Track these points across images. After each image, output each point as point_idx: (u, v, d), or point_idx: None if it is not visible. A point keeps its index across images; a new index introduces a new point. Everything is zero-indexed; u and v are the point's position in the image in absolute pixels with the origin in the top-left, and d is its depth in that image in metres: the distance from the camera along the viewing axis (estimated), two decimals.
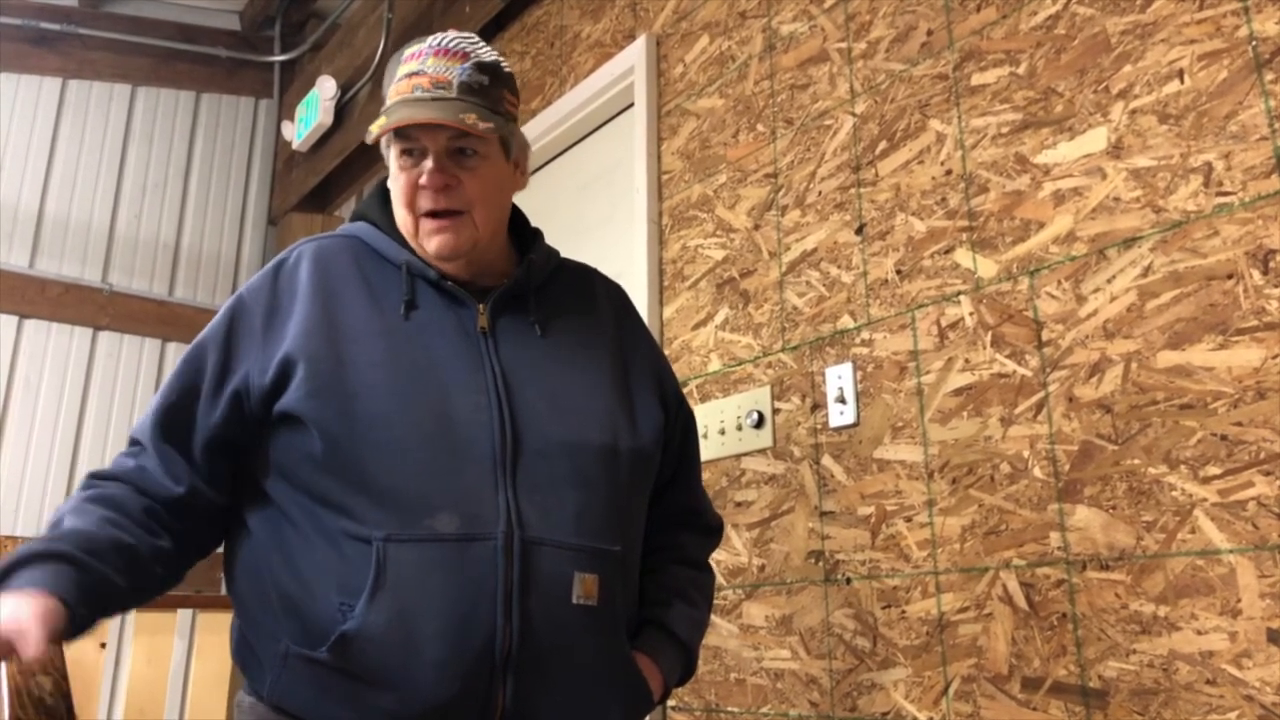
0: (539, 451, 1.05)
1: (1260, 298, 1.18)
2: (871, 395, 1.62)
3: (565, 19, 2.68)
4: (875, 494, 1.58)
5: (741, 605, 1.77)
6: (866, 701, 1.52)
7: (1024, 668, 1.33)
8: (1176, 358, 1.25)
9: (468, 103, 1.09)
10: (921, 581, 1.48)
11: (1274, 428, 1.14)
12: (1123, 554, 1.25)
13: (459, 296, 1.13)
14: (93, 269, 3.74)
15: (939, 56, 1.64)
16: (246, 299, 1.12)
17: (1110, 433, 1.30)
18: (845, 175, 1.75)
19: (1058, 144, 1.44)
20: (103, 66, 3.88)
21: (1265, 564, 1.13)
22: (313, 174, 3.85)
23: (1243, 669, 1.13)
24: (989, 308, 1.48)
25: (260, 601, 1.04)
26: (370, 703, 0.95)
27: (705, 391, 1.95)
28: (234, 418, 1.07)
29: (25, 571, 0.93)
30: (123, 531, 1.00)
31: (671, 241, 2.12)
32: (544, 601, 0.99)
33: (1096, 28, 1.42)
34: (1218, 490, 1.18)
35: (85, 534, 0.98)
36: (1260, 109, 1.22)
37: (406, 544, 0.97)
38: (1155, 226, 1.30)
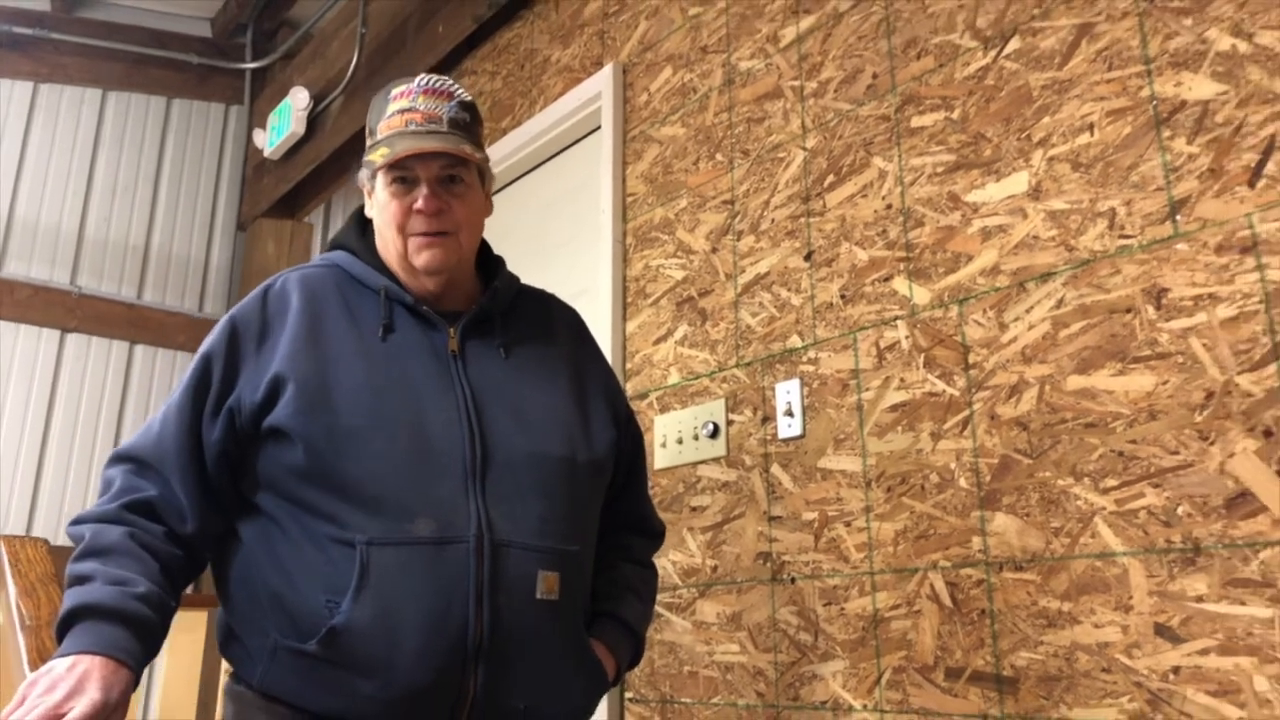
0: (505, 463, 1.17)
1: (1154, 330, 1.34)
2: (817, 409, 1.76)
3: (535, 42, 2.80)
4: (819, 501, 1.72)
5: (695, 603, 1.90)
6: (808, 691, 1.66)
7: (947, 659, 1.48)
8: (1083, 382, 1.40)
9: (458, 135, 1.23)
10: (859, 581, 1.62)
11: (1163, 445, 1.30)
12: (1034, 556, 1.40)
13: (432, 320, 1.25)
14: (61, 271, 3.78)
15: (883, 99, 1.79)
16: (239, 321, 1.22)
17: (1026, 448, 1.45)
18: (796, 205, 1.90)
19: (985, 185, 1.59)
20: (74, 71, 3.92)
21: (1153, 565, 1.28)
22: (283, 181, 3.92)
23: (1133, 658, 1.28)
24: (923, 332, 1.63)
25: (250, 600, 1.14)
26: (355, 689, 1.06)
27: (664, 403, 2.08)
28: (228, 434, 1.16)
29: (100, 626, 1.02)
30: (168, 581, 1.10)
31: (635, 260, 2.25)
32: (511, 597, 1.11)
33: (1020, 81, 1.57)
34: (1115, 500, 1.33)
35: (146, 592, 1.06)
36: (1158, 162, 1.38)
37: (387, 547, 1.08)
38: (1067, 263, 1.45)
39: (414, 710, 1.06)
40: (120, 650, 1.02)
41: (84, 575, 1.06)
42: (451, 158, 1.23)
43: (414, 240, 1.23)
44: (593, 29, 2.57)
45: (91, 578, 1.05)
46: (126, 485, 1.14)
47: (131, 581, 1.06)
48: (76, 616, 1.03)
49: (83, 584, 1.06)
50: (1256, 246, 1.26)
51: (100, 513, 1.12)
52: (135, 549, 1.09)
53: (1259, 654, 1.17)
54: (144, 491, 1.13)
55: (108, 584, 1.05)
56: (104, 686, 0.99)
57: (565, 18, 2.69)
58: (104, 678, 1.00)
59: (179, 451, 1.15)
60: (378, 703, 1.06)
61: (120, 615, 1.03)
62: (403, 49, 3.27)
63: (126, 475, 1.15)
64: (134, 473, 1.15)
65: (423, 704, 1.06)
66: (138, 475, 1.15)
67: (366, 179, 1.29)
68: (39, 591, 1.26)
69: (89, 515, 1.12)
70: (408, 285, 1.26)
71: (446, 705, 1.07)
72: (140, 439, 1.18)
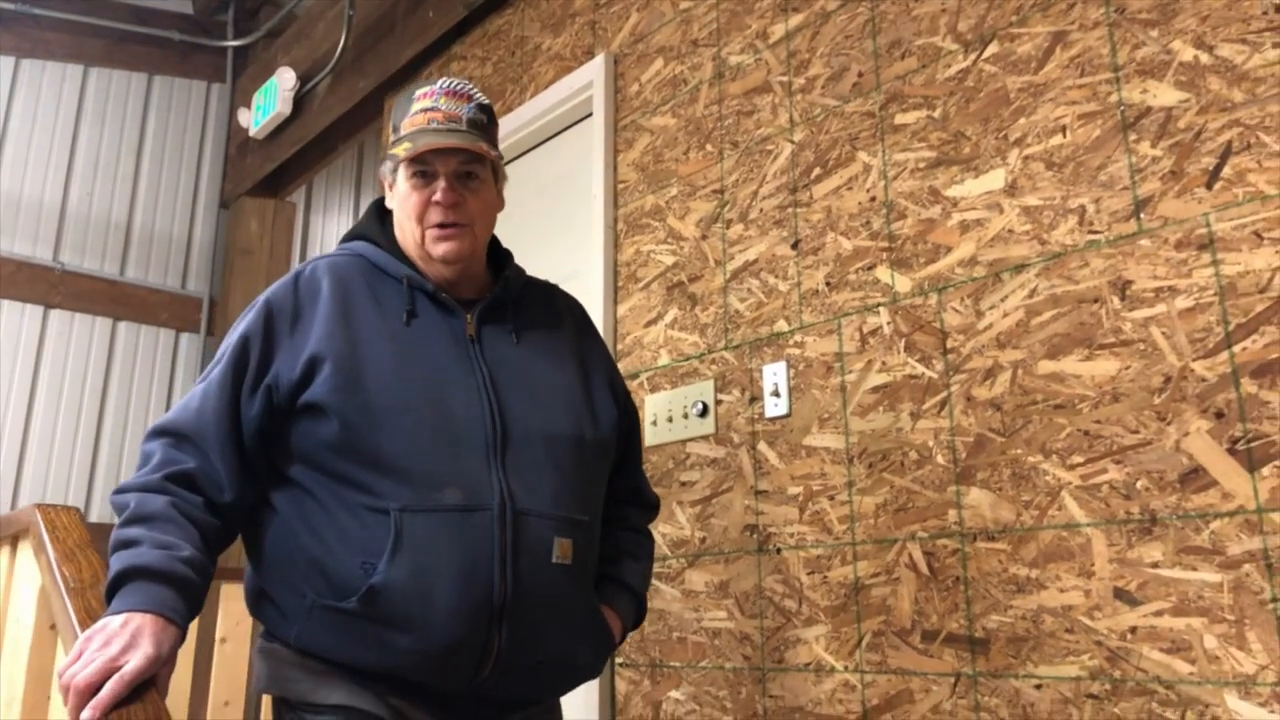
0: (523, 439, 1.26)
1: (1118, 319, 1.45)
2: (802, 390, 1.86)
3: (526, 30, 2.86)
4: (803, 476, 1.82)
5: (684, 573, 2.00)
6: (792, 654, 1.77)
7: (924, 622, 1.59)
8: (1053, 366, 1.51)
9: (475, 134, 1.32)
10: (841, 551, 1.73)
11: (1124, 425, 1.41)
12: (1005, 527, 1.52)
13: (450, 307, 1.33)
14: (44, 247, 3.79)
15: (868, 96, 1.88)
16: (274, 303, 1.29)
17: (999, 427, 1.56)
18: (784, 196, 1.99)
19: (964, 180, 1.69)
20: (56, 46, 3.91)
21: (1114, 535, 1.40)
22: (268, 160, 3.95)
23: (1094, 620, 1.40)
24: (904, 318, 1.73)
25: (285, 564, 1.22)
26: (392, 643, 1.14)
27: (655, 383, 2.17)
28: (265, 410, 1.23)
29: (149, 586, 1.09)
30: (206, 548, 1.17)
31: (626, 246, 2.33)
32: (531, 561, 1.20)
33: (999, 83, 1.68)
34: (1080, 475, 1.45)
35: (189, 556, 1.13)
36: (1124, 163, 1.49)
37: (419, 514, 1.17)
38: (1040, 256, 1.56)
39: (446, 663, 1.15)
40: (168, 608, 1.09)
41: (131, 540, 1.13)
42: (469, 154, 1.31)
43: (431, 231, 1.32)
44: (584, 19, 2.64)
45: (139, 542, 1.12)
46: (167, 458, 1.20)
47: (176, 546, 1.13)
48: (127, 577, 1.10)
49: (130, 548, 1.12)
50: (1213, 243, 1.37)
51: (144, 483, 1.18)
52: (178, 516, 1.16)
53: (1209, 615, 1.29)
54: (184, 464, 1.20)
55: (155, 548, 1.12)
56: (156, 641, 1.07)
57: (556, 7, 2.76)
58: (155, 633, 1.07)
59: (219, 425, 1.21)
60: (413, 655, 1.14)
61: (167, 576, 1.11)
62: (391, 33, 3.31)
63: (166, 449, 1.21)
64: (173, 446, 1.22)
65: (454, 657, 1.15)
66: (177, 449, 1.21)
67: (389, 172, 1.37)
68: (78, 556, 1.32)
69: (132, 485, 1.19)
70: (426, 273, 1.34)
71: (474, 658, 1.16)
72: (180, 414, 1.24)
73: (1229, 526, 1.29)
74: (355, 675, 1.18)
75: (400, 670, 1.16)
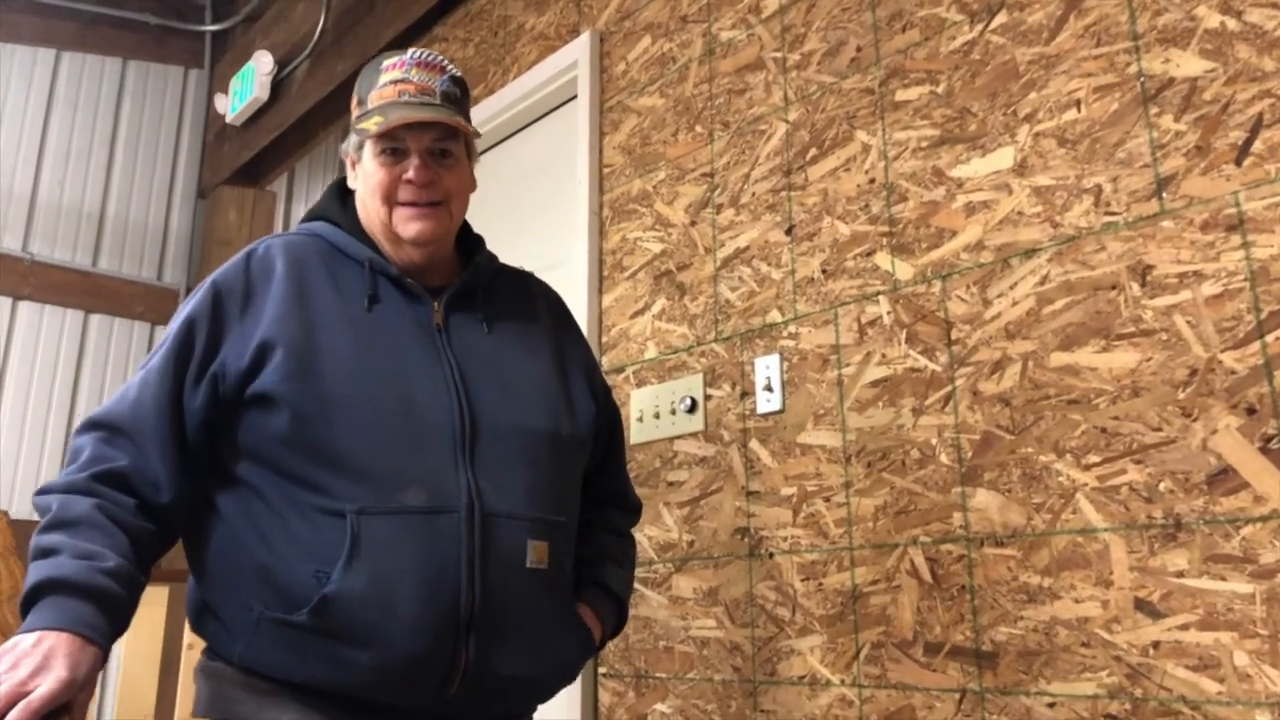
0: (493, 435, 1.16)
1: (1138, 307, 1.34)
2: (796, 385, 1.75)
3: (509, 9, 2.74)
4: (797, 476, 1.71)
5: (671, 578, 1.89)
6: (785, 666, 1.66)
7: (926, 634, 1.48)
8: (1067, 358, 1.40)
9: (450, 108, 1.22)
10: (837, 556, 1.62)
11: (1145, 422, 1.30)
12: (1015, 532, 1.41)
13: (416, 293, 1.23)
14: (13, 237, 3.66)
15: (866, 72, 1.77)
16: (222, 284, 1.18)
17: (1008, 424, 1.45)
18: (777, 178, 1.87)
19: (970, 160, 1.58)
20: (26, 29, 3.78)
21: (1134, 541, 1.29)
22: (246, 148, 3.82)
23: (1113, 633, 1.29)
24: (905, 307, 1.62)
25: (230, 574, 1.10)
26: (348, 659, 1.03)
27: (641, 377, 2.06)
28: (210, 401, 1.12)
29: (67, 601, 0.97)
30: (137, 556, 1.06)
31: (611, 233, 2.22)
32: (502, 567, 1.10)
33: (1007, 56, 1.56)
34: (1096, 476, 1.33)
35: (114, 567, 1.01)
36: (1145, 139, 1.38)
37: (379, 516, 1.06)
38: (1052, 240, 1.45)
39: (407, 680, 1.04)
40: (87, 627, 0.98)
41: (50, 548, 1.02)
42: (444, 130, 1.22)
43: (401, 211, 1.22)
44: None
45: (58, 551, 1.01)
46: (97, 454, 1.09)
47: (99, 555, 1.02)
48: (42, 591, 0.99)
49: (49, 557, 1.01)
50: (1242, 224, 1.26)
51: (68, 483, 1.07)
52: (104, 521, 1.05)
53: (1239, 629, 1.18)
54: (115, 461, 1.08)
55: (75, 558, 1.01)
56: (71, 664, 0.96)
57: None
58: (71, 654, 0.96)
59: (159, 418, 1.10)
60: (372, 672, 1.04)
61: (88, 591, 1.00)
62: (371, 13, 3.19)
63: (97, 444, 1.10)
64: (105, 441, 1.10)
65: (417, 673, 1.05)
66: (109, 444, 1.10)
67: (353, 148, 1.27)
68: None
69: (56, 485, 1.08)
70: (391, 257, 1.25)
71: (439, 675, 1.06)
72: (116, 405, 1.12)
73: (1262, 532, 1.18)
74: (307, 695, 1.07)
75: (358, 689, 1.05)
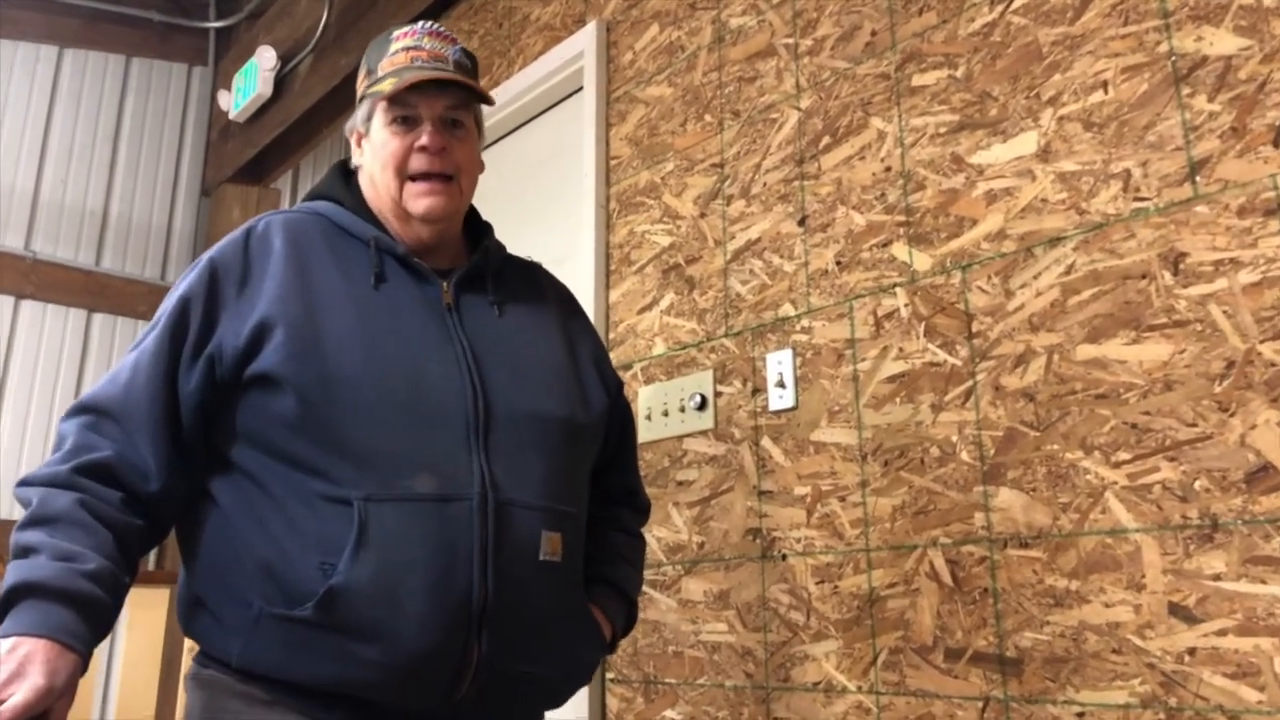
0: (507, 420, 1.10)
1: (1170, 297, 1.28)
2: (810, 380, 1.69)
3: (514, 0, 2.69)
4: (811, 475, 1.65)
5: (681, 581, 1.83)
6: (799, 672, 1.60)
7: (947, 639, 1.42)
8: (1094, 351, 1.34)
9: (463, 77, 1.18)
10: (854, 558, 1.56)
11: (1179, 417, 1.24)
12: (1040, 533, 1.34)
13: (424, 273, 1.17)
14: (15, 235, 3.63)
15: (881, 57, 1.71)
16: (219, 262, 1.12)
17: (1032, 420, 1.38)
18: (789, 168, 1.82)
19: (991, 146, 1.52)
20: (29, 26, 3.74)
21: (1168, 542, 1.22)
22: (249, 145, 3.79)
23: (1146, 639, 1.22)
24: (923, 300, 1.56)
25: (228, 568, 1.04)
26: (355, 655, 0.97)
27: (649, 374, 2.00)
28: (206, 383, 1.06)
29: (44, 606, 0.92)
30: (122, 555, 1.00)
31: (619, 226, 2.16)
32: (515, 558, 1.04)
33: (1029, 37, 1.50)
34: (1127, 474, 1.27)
35: (96, 569, 0.96)
36: (1177, 120, 1.31)
37: (386, 504, 1.00)
38: (1078, 227, 1.39)
39: (416, 677, 0.99)
40: (66, 633, 0.93)
41: (29, 546, 0.96)
42: (457, 97, 1.18)
43: (412, 185, 1.17)
44: None
45: (37, 550, 0.96)
46: (81, 443, 1.03)
47: (80, 556, 0.97)
48: (19, 594, 0.94)
49: (27, 557, 0.96)
50: None
51: (49, 475, 1.01)
52: (86, 518, 0.99)
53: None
54: (99, 451, 1.02)
55: (54, 559, 0.95)
56: (48, 671, 0.90)
57: None
58: (48, 661, 0.91)
59: (151, 402, 1.04)
60: (379, 669, 0.98)
61: (67, 595, 0.94)
62: (374, 7, 3.14)
63: (82, 431, 1.03)
64: (91, 427, 1.04)
65: (426, 670, 0.99)
66: (95, 431, 1.03)
67: (361, 121, 1.22)
68: None
69: (37, 477, 1.01)
70: (399, 236, 1.20)
71: (449, 671, 1.00)
72: (106, 388, 1.06)
73: None
74: (305, 703, 1.01)
75: (363, 688, 1.00)
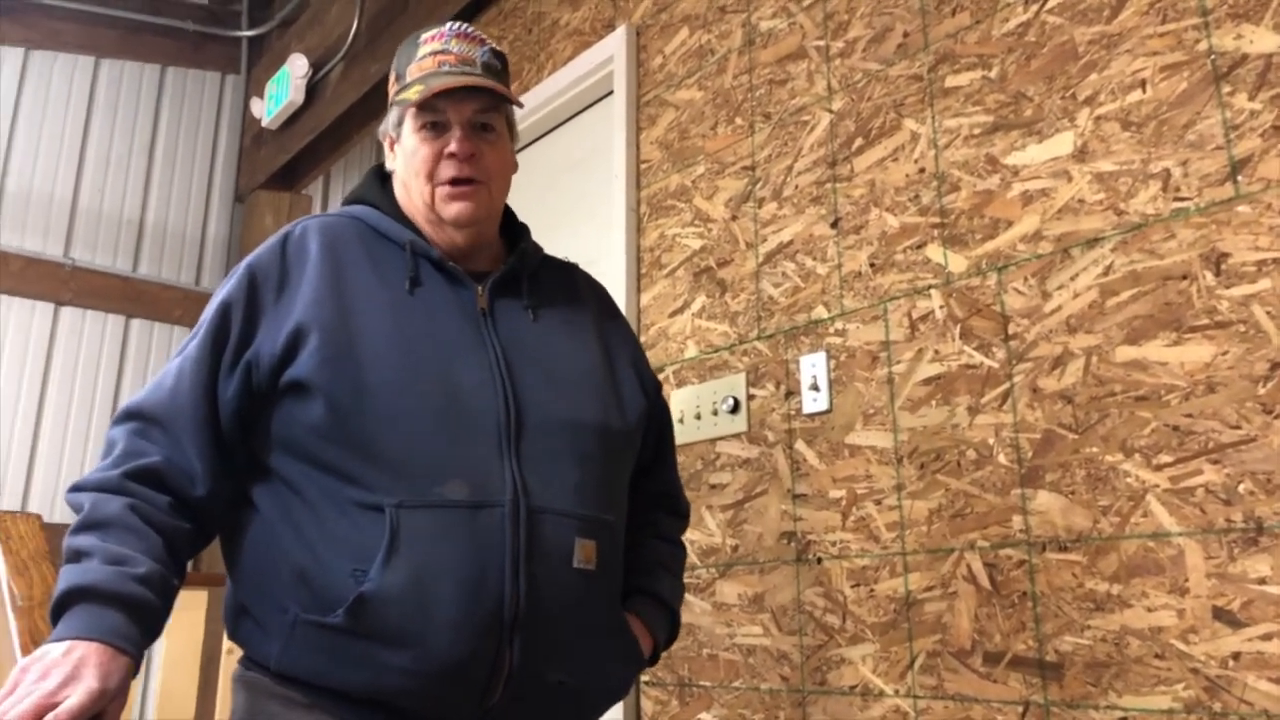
0: (540, 427, 1.10)
1: (1212, 298, 1.26)
2: (844, 383, 1.69)
3: (543, 5, 2.71)
4: (846, 478, 1.65)
5: (715, 584, 1.83)
6: (835, 675, 1.59)
7: (986, 643, 1.41)
8: (1134, 352, 1.33)
9: (491, 79, 1.18)
10: (890, 561, 1.56)
11: (1222, 419, 1.23)
12: (1080, 536, 1.33)
13: (459, 277, 1.18)
14: (55, 243, 3.69)
15: (914, 58, 1.70)
16: (257, 269, 1.14)
17: (1071, 422, 1.37)
18: (821, 170, 1.81)
19: (1026, 146, 1.51)
20: (67, 37, 3.81)
21: (1211, 546, 1.21)
22: (282, 152, 3.83)
23: (1189, 644, 1.21)
24: (958, 301, 1.55)
25: (266, 574, 1.06)
26: (385, 662, 0.98)
27: (681, 377, 2.00)
28: (243, 390, 1.08)
29: (97, 610, 0.94)
30: (171, 558, 1.02)
31: (649, 229, 2.17)
32: (548, 566, 1.04)
33: (1065, 36, 1.49)
34: (1169, 477, 1.26)
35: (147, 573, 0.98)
36: (1217, 119, 1.30)
37: (419, 510, 1.01)
38: (1116, 228, 1.38)
39: (448, 685, 0.99)
40: (119, 636, 0.95)
41: (82, 551, 0.99)
42: (486, 101, 1.18)
43: (443, 190, 1.17)
44: None
45: (89, 554, 0.98)
46: (130, 449, 1.05)
47: (131, 560, 0.99)
48: (72, 599, 0.96)
49: (79, 561, 0.98)
50: None
51: (100, 480, 1.04)
52: (137, 523, 1.01)
53: None
54: (149, 457, 1.05)
55: (106, 563, 0.98)
56: (102, 674, 0.92)
57: None
58: (102, 664, 0.93)
59: (195, 408, 1.06)
60: (410, 676, 0.99)
61: (119, 599, 0.96)
62: (404, 13, 3.17)
63: (131, 437, 1.06)
64: (139, 433, 1.07)
65: (457, 678, 0.99)
66: (143, 437, 1.06)
67: (392, 126, 1.23)
68: (31, 570, 1.18)
69: (89, 482, 1.04)
70: (433, 240, 1.20)
71: (481, 679, 1.01)
72: (152, 394, 1.09)
73: None
74: (342, 707, 1.02)
75: (395, 695, 1.00)
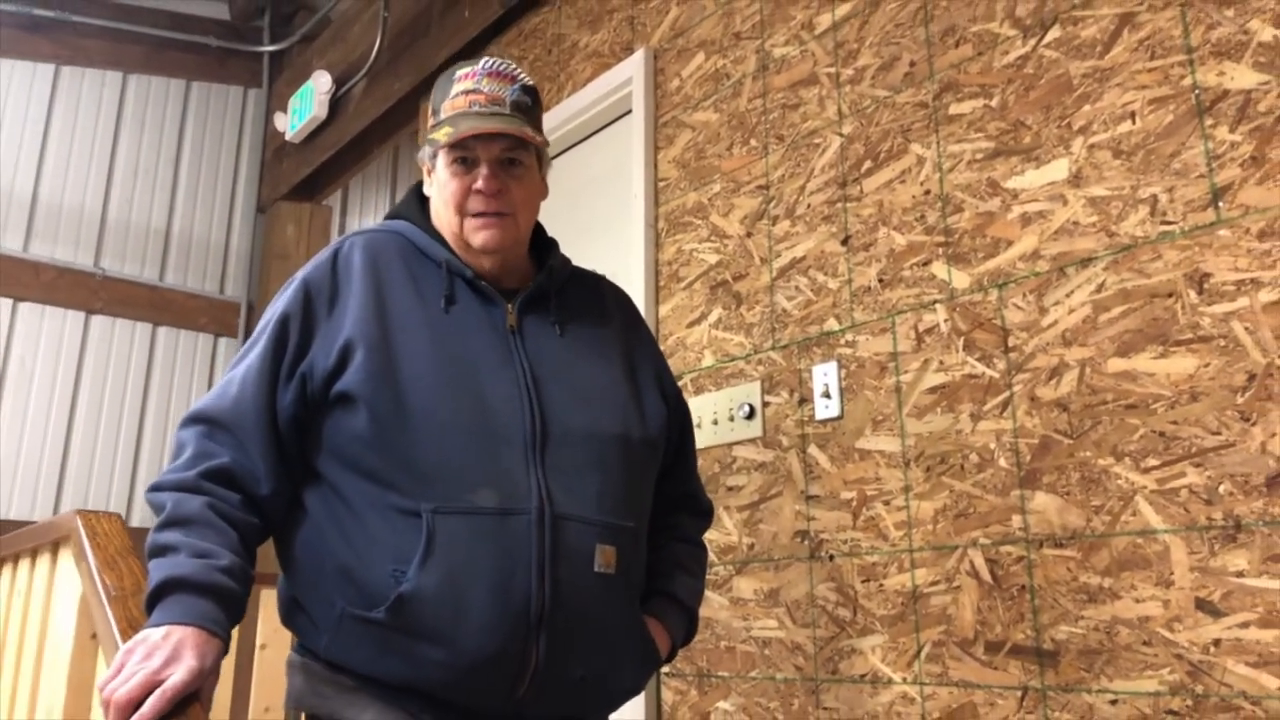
0: (563, 438, 1.19)
1: (1195, 314, 1.37)
2: (854, 391, 1.80)
3: (563, 28, 2.82)
4: (857, 480, 1.76)
5: (732, 580, 1.94)
6: (847, 665, 1.70)
7: (987, 633, 1.52)
8: (1124, 364, 1.44)
9: (520, 118, 1.24)
10: (898, 558, 1.67)
11: (1204, 426, 1.34)
12: (1074, 534, 1.45)
13: (490, 295, 1.26)
14: (85, 253, 3.82)
15: (920, 86, 1.82)
16: (311, 283, 1.23)
17: (1066, 428, 1.49)
18: (832, 190, 1.93)
19: (1025, 171, 1.62)
20: (95, 53, 3.94)
21: (1194, 542, 1.32)
22: (304, 165, 3.95)
23: (1174, 632, 1.32)
24: (962, 315, 1.66)
25: (316, 570, 1.16)
26: (423, 656, 1.08)
27: (699, 385, 2.11)
28: (298, 399, 1.17)
29: (189, 599, 1.05)
30: (245, 550, 1.13)
31: (667, 245, 2.28)
32: (571, 570, 1.13)
33: (1061, 69, 1.60)
34: (1155, 479, 1.37)
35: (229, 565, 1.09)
36: (1200, 149, 1.41)
37: (452, 515, 1.10)
38: (1108, 249, 1.49)
39: (480, 678, 1.09)
40: (210, 621, 1.05)
41: (168, 545, 1.08)
42: (512, 140, 1.24)
43: (471, 220, 1.25)
44: (622, 14, 2.59)
45: (176, 549, 1.08)
46: (201, 450, 1.15)
47: (214, 554, 1.09)
48: (166, 589, 1.06)
49: (167, 555, 1.08)
50: None
51: (178, 480, 1.13)
52: (215, 519, 1.11)
53: None
54: (219, 458, 1.14)
55: (193, 556, 1.08)
56: (199, 655, 1.03)
57: (594, 3, 2.71)
58: (197, 646, 1.03)
59: (258, 414, 1.15)
60: (445, 669, 1.08)
61: (207, 588, 1.06)
62: (427, 33, 3.29)
63: (200, 439, 1.15)
64: (208, 436, 1.16)
65: (488, 672, 1.09)
66: (211, 439, 1.15)
67: (428, 157, 1.30)
68: (120, 564, 1.29)
69: (167, 483, 1.13)
70: (465, 261, 1.28)
71: (510, 673, 1.10)
72: (217, 400, 1.18)
73: None
74: (386, 692, 1.12)
75: (432, 686, 1.10)
